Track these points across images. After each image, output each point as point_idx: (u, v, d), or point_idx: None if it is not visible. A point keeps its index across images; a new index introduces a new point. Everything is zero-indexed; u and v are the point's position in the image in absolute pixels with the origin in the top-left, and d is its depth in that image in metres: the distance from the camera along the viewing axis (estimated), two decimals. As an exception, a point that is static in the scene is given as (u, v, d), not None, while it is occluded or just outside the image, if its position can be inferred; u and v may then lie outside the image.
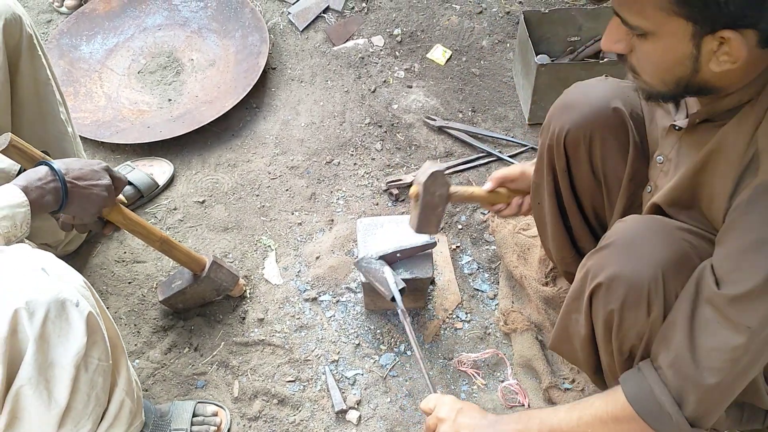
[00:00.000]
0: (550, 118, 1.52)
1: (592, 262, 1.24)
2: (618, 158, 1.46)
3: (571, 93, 1.50)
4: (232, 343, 1.85)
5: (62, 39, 2.56)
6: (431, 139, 2.28)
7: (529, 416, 1.36)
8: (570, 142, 1.47)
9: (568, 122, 1.46)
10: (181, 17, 2.68)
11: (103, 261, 2.03)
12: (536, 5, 2.64)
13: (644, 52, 1.10)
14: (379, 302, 1.84)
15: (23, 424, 1.15)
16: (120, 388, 1.33)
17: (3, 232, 1.19)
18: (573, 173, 1.53)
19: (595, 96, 1.44)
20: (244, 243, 2.06)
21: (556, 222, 1.61)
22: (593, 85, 1.49)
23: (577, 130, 1.45)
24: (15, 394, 1.11)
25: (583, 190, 1.55)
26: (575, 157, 1.49)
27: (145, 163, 2.23)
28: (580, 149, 1.47)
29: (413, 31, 2.59)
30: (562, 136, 1.47)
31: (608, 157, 1.46)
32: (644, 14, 1.04)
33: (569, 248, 1.64)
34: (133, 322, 1.90)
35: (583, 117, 1.44)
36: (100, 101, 2.44)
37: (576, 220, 1.59)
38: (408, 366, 1.80)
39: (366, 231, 1.81)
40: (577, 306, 1.31)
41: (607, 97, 1.43)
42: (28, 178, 1.29)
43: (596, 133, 1.44)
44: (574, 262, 1.66)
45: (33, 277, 1.12)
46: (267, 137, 2.33)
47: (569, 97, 1.49)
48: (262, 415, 1.73)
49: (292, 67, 2.53)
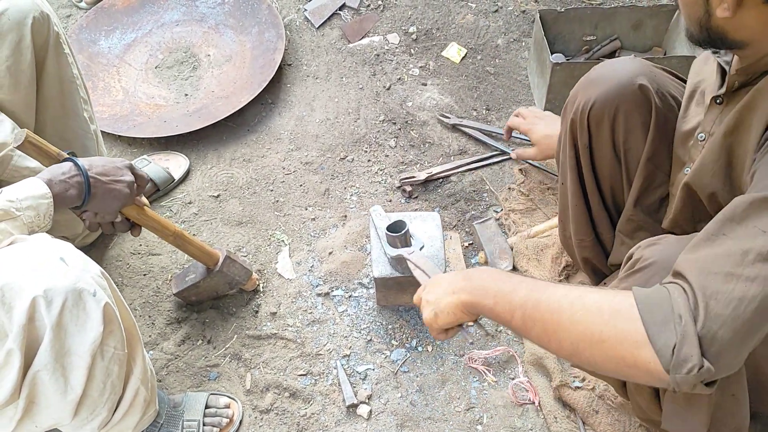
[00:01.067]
0: (576, 93, 1.53)
1: (628, 284, 1.19)
2: (640, 136, 1.46)
3: (598, 69, 1.51)
4: (244, 336, 1.87)
5: (81, 34, 2.59)
6: (445, 136, 2.29)
7: (520, 280, 1.16)
8: (594, 116, 1.47)
9: (594, 96, 1.46)
10: (198, 13, 2.70)
11: (119, 253, 2.05)
12: (552, 4, 2.64)
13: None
14: (391, 298, 1.85)
15: (40, 410, 1.17)
16: (135, 377, 1.35)
17: (26, 221, 1.21)
18: (594, 150, 1.53)
19: (623, 71, 1.45)
20: (257, 237, 2.08)
21: (578, 201, 1.61)
22: (621, 62, 1.49)
23: (603, 103, 1.45)
24: (32, 378, 1.13)
25: (603, 170, 1.56)
26: (598, 133, 1.50)
27: (162, 157, 2.26)
28: (604, 124, 1.48)
29: (429, 28, 2.59)
30: (587, 109, 1.47)
31: (630, 133, 1.47)
32: None
33: (589, 230, 1.64)
34: (147, 314, 1.92)
35: (608, 91, 1.44)
36: (118, 95, 2.47)
37: (595, 199, 1.60)
38: (419, 362, 1.81)
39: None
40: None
41: (634, 74, 1.43)
42: (53, 172, 1.31)
43: (621, 108, 1.44)
44: (591, 246, 1.67)
45: (52, 266, 1.14)
46: (282, 133, 2.35)
47: (596, 73, 1.50)
48: (273, 408, 1.74)
49: (308, 64, 2.55)
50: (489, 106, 2.38)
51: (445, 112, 2.35)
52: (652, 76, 1.44)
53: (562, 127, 1.59)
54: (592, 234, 1.65)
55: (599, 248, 1.67)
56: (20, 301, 1.08)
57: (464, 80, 2.45)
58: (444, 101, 2.38)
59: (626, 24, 2.32)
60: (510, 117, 2.04)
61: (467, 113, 2.35)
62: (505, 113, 2.35)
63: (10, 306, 1.08)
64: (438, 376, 1.78)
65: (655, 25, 2.31)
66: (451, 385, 1.77)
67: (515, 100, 2.39)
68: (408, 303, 1.88)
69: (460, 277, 1.25)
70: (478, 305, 1.19)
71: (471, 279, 1.22)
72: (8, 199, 1.20)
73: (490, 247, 1.96)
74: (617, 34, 2.35)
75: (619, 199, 1.58)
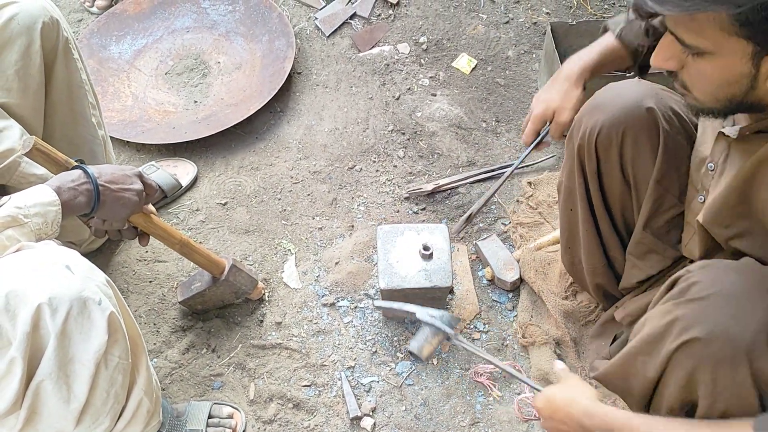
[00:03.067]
0: (580, 119, 1.51)
1: (684, 312, 1.16)
2: (649, 158, 1.44)
3: (603, 93, 1.49)
4: (249, 346, 1.86)
5: (92, 38, 2.59)
6: (454, 147, 2.28)
7: (628, 418, 1.20)
8: (602, 141, 1.46)
9: (600, 121, 1.44)
10: (209, 20, 2.71)
11: (125, 259, 2.05)
12: (563, 16, 2.63)
13: (698, 69, 1.09)
14: (397, 310, 1.84)
15: (42, 419, 1.16)
16: (139, 387, 1.34)
17: (34, 228, 1.20)
18: (603, 176, 1.52)
19: (628, 96, 1.43)
20: (264, 246, 2.07)
21: (589, 228, 1.59)
22: (625, 85, 1.48)
23: (610, 128, 1.43)
24: (35, 388, 1.12)
25: (613, 194, 1.54)
26: (606, 158, 1.48)
27: (170, 163, 2.25)
28: (612, 149, 1.46)
29: (439, 39, 2.59)
30: (594, 135, 1.46)
31: (639, 157, 1.45)
32: (704, 34, 1.03)
33: (601, 256, 1.63)
34: (152, 321, 1.91)
35: (615, 116, 1.43)
36: (127, 101, 2.47)
37: (605, 225, 1.58)
38: (424, 375, 1.80)
39: (386, 238, 1.81)
40: (651, 350, 1.24)
41: (640, 97, 1.42)
42: (62, 179, 1.31)
43: (628, 132, 1.43)
44: (603, 272, 1.65)
45: (57, 274, 1.13)
46: (290, 141, 2.35)
47: (600, 98, 1.48)
48: (276, 419, 1.73)
49: (318, 73, 2.55)
50: (498, 118, 2.37)
51: (454, 123, 2.33)
52: (658, 98, 1.42)
53: (568, 152, 1.57)
54: (604, 260, 1.63)
55: (611, 273, 1.65)
56: (25, 309, 1.08)
57: (474, 91, 2.45)
58: (453, 112, 2.38)
59: (638, 38, 2.31)
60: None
61: (477, 125, 2.34)
62: (514, 125, 2.34)
63: (15, 313, 1.07)
64: (443, 389, 1.77)
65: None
66: (456, 399, 1.75)
67: (525, 113, 2.38)
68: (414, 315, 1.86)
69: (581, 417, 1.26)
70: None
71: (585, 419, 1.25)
72: (16, 206, 1.19)
73: (495, 262, 1.95)
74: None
75: (630, 222, 1.57)
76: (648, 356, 1.25)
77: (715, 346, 1.11)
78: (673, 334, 1.17)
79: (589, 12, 2.65)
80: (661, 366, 1.22)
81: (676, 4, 1.00)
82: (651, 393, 1.31)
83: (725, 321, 1.11)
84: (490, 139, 2.31)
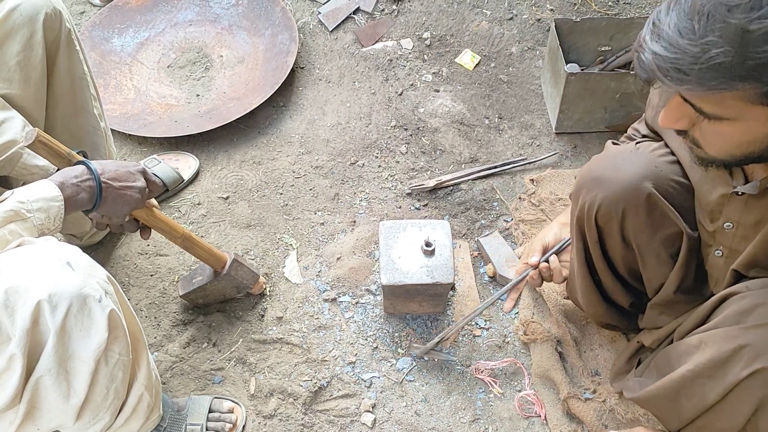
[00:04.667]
0: (579, 190, 1.48)
1: (755, 339, 1.14)
2: (650, 233, 1.42)
3: (601, 166, 1.44)
4: (250, 340, 1.86)
5: (94, 31, 2.59)
6: (456, 143, 2.27)
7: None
8: (601, 217, 1.43)
9: (599, 198, 1.41)
10: (212, 14, 2.70)
11: (126, 253, 2.04)
12: (567, 13, 2.62)
13: (714, 131, 1.05)
14: (398, 305, 1.84)
15: (42, 414, 1.16)
16: (139, 383, 1.34)
17: (37, 223, 1.20)
18: (605, 243, 1.50)
19: (627, 174, 1.38)
20: (266, 241, 2.07)
21: (587, 284, 1.59)
22: (624, 158, 1.42)
23: (609, 206, 1.40)
24: (35, 383, 1.12)
25: (617, 258, 1.52)
26: (607, 230, 1.46)
27: (172, 157, 2.25)
28: (612, 224, 1.43)
29: (443, 35, 2.58)
30: (594, 211, 1.43)
31: (642, 232, 1.42)
32: (724, 105, 0.99)
33: (600, 303, 1.62)
34: (153, 315, 1.91)
35: (614, 194, 1.39)
36: (130, 94, 2.47)
37: (608, 279, 1.56)
38: (425, 371, 1.79)
39: (388, 234, 1.80)
40: (713, 374, 1.21)
41: (640, 178, 1.37)
42: (65, 175, 1.31)
43: (628, 211, 1.40)
44: (607, 314, 1.65)
45: (58, 270, 1.12)
46: (293, 136, 2.34)
47: (599, 171, 1.44)
48: (277, 414, 1.73)
49: (320, 67, 2.54)
50: (501, 115, 2.36)
51: (457, 120, 2.33)
52: (657, 174, 1.37)
53: (572, 209, 1.54)
54: (604, 304, 1.62)
55: (614, 309, 1.65)
56: (24, 305, 1.07)
57: (477, 88, 2.44)
58: (456, 108, 2.37)
59: (642, 35, 2.30)
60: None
61: (479, 121, 2.34)
62: (517, 122, 2.34)
63: (14, 309, 1.07)
64: (444, 386, 1.77)
65: (671, 38, 2.29)
66: (457, 396, 1.75)
67: (528, 110, 2.38)
68: (415, 311, 1.86)
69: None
70: None
71: None
72: (19, 201, 1.19)
73: (496, 258, 1.95)
74: (632, 45, 2.32)
75: (635, 272, 1.54)
76: (709, 379, 1.22)
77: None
78: (743, 360, 1.14)
79: (593, 9, 2.64)
80: (724, 392, 1.19)
81: (700, 84, 0.94)
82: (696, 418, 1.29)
83: None
84: (492, 136, 2.30)
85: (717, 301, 1.26)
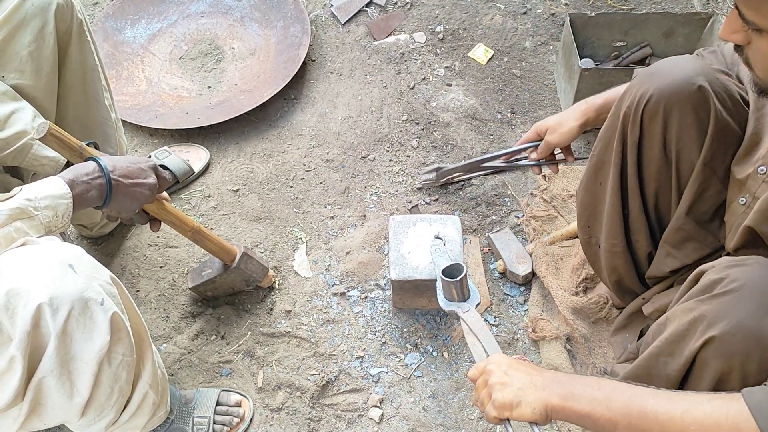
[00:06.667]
0: (632, 86, 1.46)
1: (708, 308, 1.12)
2: (695, 137, 1.39)
3: (659, 64, 1.44)
4: (258, 333, 1.86)
5: (107, 22, 2.59)
6: (468, 138, 2.26)
7: (612, 386, 1.10)
8: (648, 111, 1.40)
9: (651, 89, 1.39)
10: (224, 5, 2.69)
11: (136, 244, 2.05)
12: (582, 8, 2.59)
13: (758, 47, 1.07)
14: (407, 300, 1.83)
15: (46, 411, 1.16)
16: (144, 381, 1.34)
17: (44, 221, 1.19)
18: (643, 149, 1.46)
19: (683, 69, 1.38)
20: (275, 234, 2.06)
21: (616, 203, 1.54)
22: (684, 60, 1.43)
23: (659, 98, 1.38)
24: (37, 383, 1.11)
25: (650, 171, 1.48)
26: (650, 130, 1.43)
27: (182, 149, 2.25)
28: (657, 120, 1.41)
29: (455, 28, 2.56)
30: (642, 103, 1.40)
31: (685, 133, 1.40)
32: (761, 12, 1.00)
33: (622, 235, 1.57)
34: (162, 307, 1.91)
35: (665, 86, 1.38)
36: (141, 85, 2.47)
37: (635, 204, 1.52)
38: (433, 367, 1.79)
39: (398, 229, 1.80)
40: (673, 350, 1.20)
41: (694, 73, 1.36)
42: (76, 172, 1.30)
43: (675, 106, 1.37)
44: (623, 253, 1.59)
45: (60, 273, 1.11)
46: (303, 129, 2.33)
47: (656, 67, 1.43)
48: (284, 407, 1.73)
49: (332, 60, 2.53)
50: (514, 110, 2.34)
51: (469, 114, 2.31)
52: (713, 78, 1.37)
53: (609, 122, 1.51)
54: (625, 240, 1.58)
55: (629, 258, 1.60)
56: (25, 308, 1.06)
57: (490, 82, 2.42)
58: (468, 103, 2.35)
59: (657, 31, 2.28)
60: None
61: (492, 116, 2.32)
62: (530, 117, 2.32)
63: (14, 312, 1.06)
64: (452, 382, 1.76)
65: (686, 34, 2.26)
66: (466, 392, 1.74)
67: (541, 105, 2.36)
68: (424, 306, 1.85)
69: (537, 374, 1.17)
70: (567, 410, 1.12)
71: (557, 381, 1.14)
72: (27, 198, 1.17)
73: (507, 254, 1.93)
74: (648, 41, 2.30)
75: (662, 206, 1.51)
76: (670, 356, 1.21)
77: (743, 342, 1.07)
78: (698, 332, 1.13)
79: (608, 4, 2.61)
80: (684, 366, 1.18)
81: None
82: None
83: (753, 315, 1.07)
84: (504, 131, 2.29)
85: (695, 278, 1.24)
